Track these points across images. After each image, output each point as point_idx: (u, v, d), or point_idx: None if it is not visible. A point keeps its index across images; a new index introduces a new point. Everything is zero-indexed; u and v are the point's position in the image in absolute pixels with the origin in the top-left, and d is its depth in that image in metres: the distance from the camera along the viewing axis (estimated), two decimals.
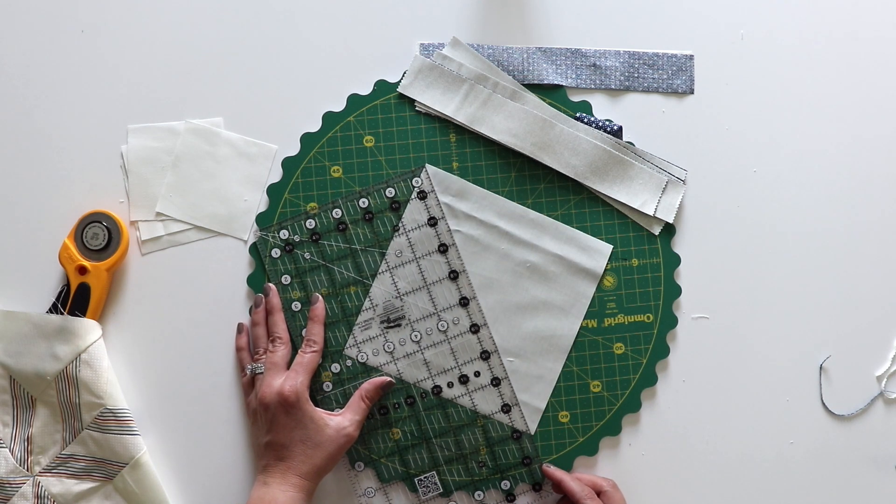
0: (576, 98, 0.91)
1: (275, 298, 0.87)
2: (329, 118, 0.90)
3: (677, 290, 0.90)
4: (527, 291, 0.89)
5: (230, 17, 0.90)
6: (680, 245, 0.90)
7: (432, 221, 0.89)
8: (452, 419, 0.88)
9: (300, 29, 0.91)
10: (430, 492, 0.88)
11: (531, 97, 0.90)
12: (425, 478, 0.88)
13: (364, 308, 0.88)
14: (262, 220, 0.89)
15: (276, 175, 0.90)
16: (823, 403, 0.90)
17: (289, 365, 0.85)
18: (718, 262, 0.90)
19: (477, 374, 0.88)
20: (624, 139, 0.90)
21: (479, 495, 0.88)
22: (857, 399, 0.90)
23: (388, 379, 0.87)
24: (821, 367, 0.90)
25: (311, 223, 0.88)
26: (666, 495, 0.89)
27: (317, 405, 0.86)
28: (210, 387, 0.88)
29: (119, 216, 0.88)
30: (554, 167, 0.89)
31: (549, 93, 0.90)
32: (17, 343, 0.86)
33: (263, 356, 0.86)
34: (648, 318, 0.89)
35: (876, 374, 0.90)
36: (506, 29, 0.91)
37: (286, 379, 0.83)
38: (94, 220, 0.87)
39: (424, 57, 0.90)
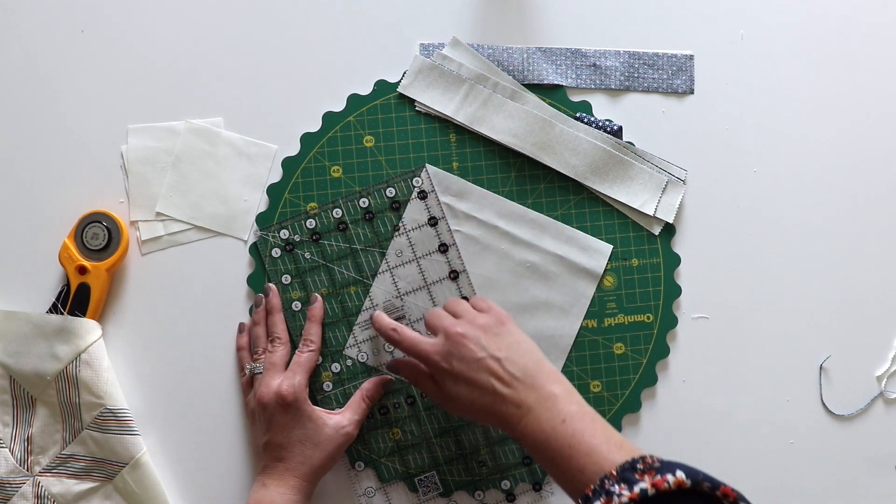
0: (576, 98, 0.91)
1: (275, 298, 0.87)
2: (329, 118, 0.90)
3: (677, 290, 0.90)
4: (527, 291, 0.89)
5: (230, 17, 0.90)
6: (680, 245, 0.90)
7: (433, 221, 0.89)
8: (452, 419, 0.88)
9: (300, 29, 0.91)
10: (430, 492, 0.88)
11: (531, 97, 0.90)
12: (425, 477, 0.88)
13: (364, 308, 0.88)
14: (262, 220, 0.89)
15: (276, 175, 0.90)
16: (823, 403, 0.90)
17: (288, 365, 0.85)
18: (718, 262, 0.90)
19: None
20: (624, 139, 0.90)
21: (479, 495, 0.88)
22: (857, 399, 0.90)
23: (389, 377, 0.87)
24: (821, 367, 0.90)
25: (311, 223, 0.88)
26: None
27: (317, 405, 0.86)
28: (210, 387, 0.88)
29: (119, 216, 0.88)
30: (554, 167, 0.89)
31: (549, 93, 0.90)
32: (17, 343, 0.85)
33: (263, 356, 0.86)
34: (648, 318, 0.89)
35: (876, 374, 0.90)
36: (506, 29, 0.91)
37: (284, 379, 0.83)
38: (94, 220, 0.87)
39: (424, 57, 0.90)
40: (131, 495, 0.85)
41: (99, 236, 0.87)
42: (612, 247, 0.89)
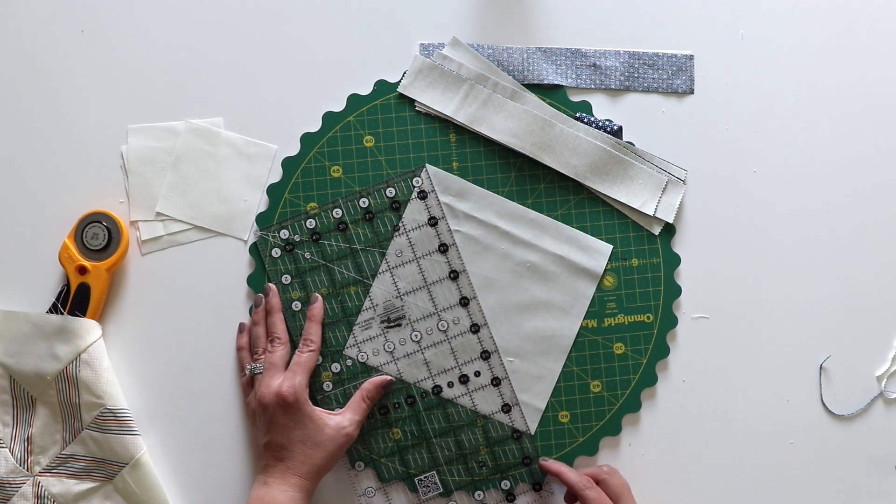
0: (576, 98, 0.91)
1: (274, 298, 0.87)
2: (329, 118, 0.90)
3: (677, 290, 0.90)
4: (527, 291, 0.89)
5: (230, 17, 0.90)
6: (680, 245, 0.90)
7: (432, 221, 0.89)
8: (452, 419, 0.88)
9: (300, 29, 0.91)
10: (430, 492, 0.88)
11: (531, 97, 0.90)
12: (425, 478, 0.88)
13: (364, 308, 0.88)
14: (262, 220, 0.89)
15: (276, 175, 0.90)
16: (823, 403, 0.90)
17: (288, 365, 0.85)
18: (718, 262, 0.90)
19: (477, 373, 0.88)
20: (624, 139, 0.90)
21: (479, 495, 0.88)
22: (857, 399, 0.90)
23: (389, 377, 0.87)
24: (821, 367, 0.90)
25: (311, 223, 0.88)
26: (666, 495, 0.89)
27: (317, 405, 0.86)
28: (210, 387, 0.88)
29: (119, 216, 0.88)
30: (554, 167, 0.89)
31: (549, 93, 0.90)
32: (17, 343, 0.85)
33: (263, 356, 0.86)
34: (648, 318, 0.89)
35: (876, 374, 0.90)
36: (506, 29, 0.91)
37: (284, 379, 0.83)
38: (94, 220, 0.87)
39: (424, 57, 0.90)
40: (131, 495, 0.85)
41: (99, 236, 0.87)
42: (612, 247, 0.89)
